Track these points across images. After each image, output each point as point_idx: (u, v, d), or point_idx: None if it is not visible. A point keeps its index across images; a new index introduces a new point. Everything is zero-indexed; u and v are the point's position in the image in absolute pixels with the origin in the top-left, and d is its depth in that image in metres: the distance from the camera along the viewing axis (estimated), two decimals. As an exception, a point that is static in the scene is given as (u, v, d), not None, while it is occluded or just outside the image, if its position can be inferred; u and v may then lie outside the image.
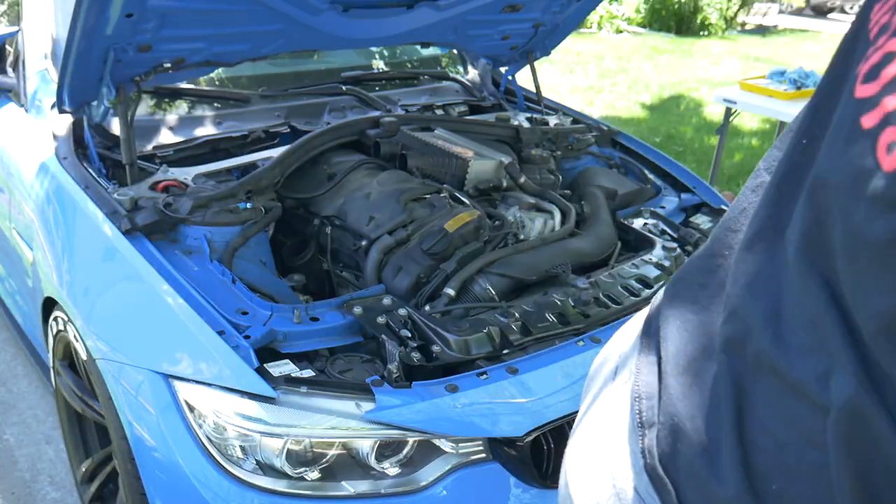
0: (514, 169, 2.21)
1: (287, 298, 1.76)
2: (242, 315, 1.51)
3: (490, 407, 1.43)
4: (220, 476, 1.36)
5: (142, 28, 1.81)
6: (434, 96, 2.84)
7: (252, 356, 1.39)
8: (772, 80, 3.62)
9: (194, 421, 1.39)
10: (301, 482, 1.37)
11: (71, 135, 2.08)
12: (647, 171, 2.52)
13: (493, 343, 1.56)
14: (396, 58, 3.18)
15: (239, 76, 2.61)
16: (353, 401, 1.37)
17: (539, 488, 1.48)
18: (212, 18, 1.94)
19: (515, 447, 1.45)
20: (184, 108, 2.37)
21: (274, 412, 1.34)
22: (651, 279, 1.86)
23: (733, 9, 12.19)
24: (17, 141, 2.25)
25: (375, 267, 1.79)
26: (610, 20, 11.13)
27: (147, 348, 1.52)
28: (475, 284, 1.74)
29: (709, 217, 2.28)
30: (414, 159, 2.16)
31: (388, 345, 1.49)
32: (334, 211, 1.95)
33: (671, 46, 10.24)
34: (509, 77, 3.00)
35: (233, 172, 2.11)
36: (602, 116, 6.61)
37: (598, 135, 2.65)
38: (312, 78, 2.77)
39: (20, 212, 2.13)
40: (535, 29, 2.72)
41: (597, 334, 1.63)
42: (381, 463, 1.40)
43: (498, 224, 1.95)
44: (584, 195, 2.26)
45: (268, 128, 2.35)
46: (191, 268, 1.65)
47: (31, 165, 2.08)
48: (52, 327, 1.93)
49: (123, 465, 1.60)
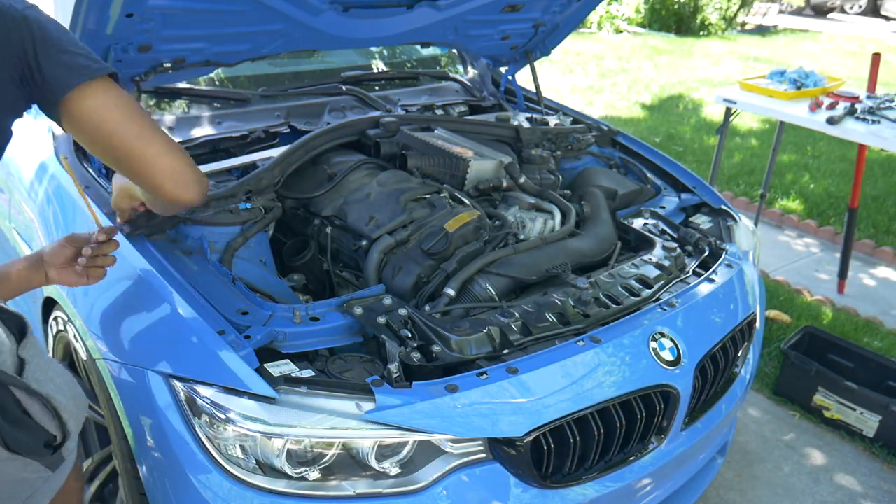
0: (514, 169, 2.21)
1: (287, 298, 1.76)
2: (242, 315, 1.51)
3: (490, 407, 1.43)
4: (220, 476, 1.36)
5: (142, 28, 1.81)
6: (434, 96, 2.84)
7: (252, 356, 1.39)
8: (772, 80, 3.61)
9: (194, 421, 1.39)
10: (301, 482, 1.37)
11: (71, 135, 2.08)
12: (647, 171, 2.52)
13: (493, 343, 1.56)
14: (396, 58, 3.18)
15: (239, 76, 2.61)
16: (353, 401, 1.37)
17: (539, 488, 1.48)
18: (212, 18, 1.94)
19: (515, 447, 1.45)
20: (184, 108, 2.37)
21: (274, 412, 1.34)
22: (651, 279, 1.86)
23: (733, 9, 12.19)
24: (17, 141, 2.25)
25: (375, 267, 1.79)
26: (610, 20, 11.14)
27: (147, 348, 1.52)
28: (475, 284, 1.74)
29: (709, 217, 2.29)
30: (414, 159, 2.16)
31: (388, 345, 1.49)
32: (334, 211, 1.95)
33: (671, 46, 10.24)
34: (509, 77, 3.00)
35: (233, 172, 2.11)
36: (602, 116, 6.61)
37: (598, 135, 2.65)
38: (312, 78, 2.77)
39: (20, 212, 2.13)
40: (535, 29, 2.72)
41: (597, 334, 1.63)
42: (381, 463, 1.40)
43: (498, 224, 1.95)
44: (584, 195, 2.26)
45: (268, 128, 2.35)
46: (191, 268, 1.65)
47: (31, 165, 2.08)
48: (52, 327, 1.93)
49: (123, 465, 1.60)
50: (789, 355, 2.81)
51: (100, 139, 1.21)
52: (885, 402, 2.59)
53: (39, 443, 1.32)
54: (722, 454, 2.18)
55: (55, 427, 1.35)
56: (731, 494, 2.40)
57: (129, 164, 1.24)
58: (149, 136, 1.22)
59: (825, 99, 3.31)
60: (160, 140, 1.23)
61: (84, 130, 1.21)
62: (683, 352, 1.69)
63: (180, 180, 1.24)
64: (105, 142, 1.21)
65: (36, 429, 1.31)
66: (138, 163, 1.22)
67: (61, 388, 1.39)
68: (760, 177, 4.94)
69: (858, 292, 3.82)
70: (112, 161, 1.26)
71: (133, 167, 1.24)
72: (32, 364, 1.33)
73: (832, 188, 5.07)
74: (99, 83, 1.18)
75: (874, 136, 3.03)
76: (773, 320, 3.33)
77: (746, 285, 2.02)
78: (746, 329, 1.99)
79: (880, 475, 2.54)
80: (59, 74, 1.16)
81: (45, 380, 1.35)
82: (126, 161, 1.23)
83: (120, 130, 1.19)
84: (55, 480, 1.42)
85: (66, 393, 1.40)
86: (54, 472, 1.39)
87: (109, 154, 1.24)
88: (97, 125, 1.19)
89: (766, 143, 5.88)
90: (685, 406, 1.70)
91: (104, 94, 1.18)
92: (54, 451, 1.36)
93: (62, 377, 1.42)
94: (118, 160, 1.24)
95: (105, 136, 1.20)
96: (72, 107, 1.17)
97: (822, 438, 2.70)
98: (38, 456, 1.32)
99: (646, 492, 1.74)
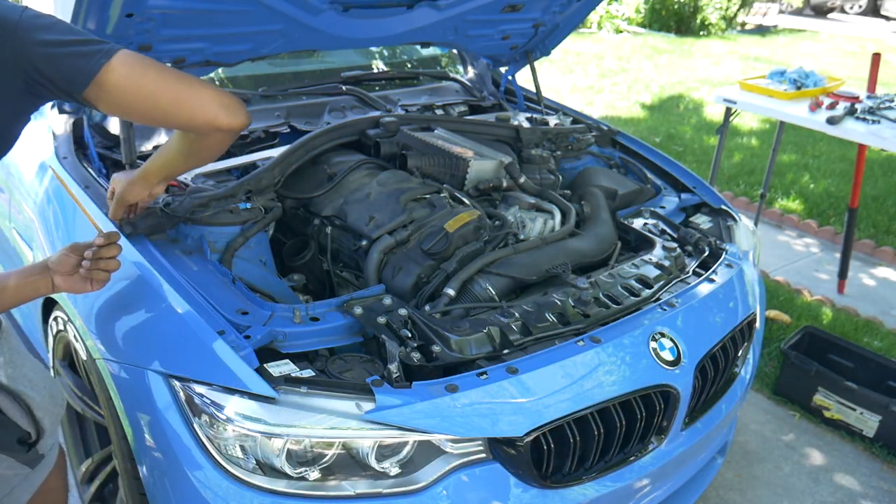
0: (514, 169, 2.21)
1: (287, 298, 1.76)
2: (242, 315, 1.51)
3: (490, 407, 1.43)
4: (220, 476, 1.36)
5: (142, 28, 1.81)
6: (434, 96, 2.84)
7: (252, 356, 1.39)
8: (772, 80, 3.61)
9: (194, 421, 1.39)
10: (301, 482, 1.37)
11: (71, 135, 2.09)
12: (647, 171, 2.52)
13: (493, 343, 1.56)
14: (396, 58, 3.18)
15: (239, 76, 2.61)
16: (353, 401, 1.37)
17: (539, 488, 1.48)
18: (212, 18, 1.94)
19: (515, 447, 1.45)
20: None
21: (274, 412, 1.34)
22: (651, 279, 1.86)
23: (733, 9, 12.19)
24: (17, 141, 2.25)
25: (375, 267, 1.79)
26: (610, 20, 11.13)
27: (147, 348, 1.52)
28: (475, 284, 1.74)
29: (708, 217, 2.29)
30: (414, 159, 2.15)
31: (388, 345, 1.49)
32: (334, 211, 1.95)
33: (671, 46, 10.24)
34: (509, 77, 3.00)
35: (233, 172, 2.11)
36: (602, 116, 6.61)
37: (598, 135, 2.65)
38: (312, 78, 2.77)
39: (20, 212, 2.13)
40: (535, 29, 2.72)
41: (597, 334, 1.63)
42: (381, 463, 1.40)
43: (498, 224, 1.95)
44: (584, 195, 2.26)
45: (268, 128, 2.35)
46: (191, 268, 1.65)
47: (30, 165, 2.08)
48: (52, 327, 1.93)
49: (123, 465, 1.60)
50: (789, 355, 2.81)
51: (144, 100, 1.23)
52: (885, 402, 2.59)
53: (12, 439, 1.32)
54: (722, 454, 2.18)
55: (28, 423, 1.35)
56: (731, 494, 2.40)
57: (179, 109, 1.25)
58: (187, 78, 1.25)
59: (825, 99, 3.31)
60: (196, 80, 1.27)
61: (125, 102, 1.23)
62: (683, 352, 1.69)
63: (231, 106, 1.27)
64: (150, 101, 1.23)
65: (7, 424, 1.31)
66: (190, 103, 1.24)
67: (36, 385, 1.39)
68: (760, 177, 4.95)
69: (858, 292, 3.82)
70: (161, 116, 1.28)
71: (184, 109, 1.25)
72: (4, 360, 1.33)
73: (832, 188, 5.07)
74: (119, 59, 1.19)
75: (874, 136, 3.03)
76: (773, 320, 3.33)
77: (746, 285, 2.02)
78: (746, 329, 1.99)
79: (880, 475, 2.54)
80: (68, 75, 1.16)
81: (18, 376, 1.35)
82: (175, 108, 1.25)
83: (161, 83, 1.22)
84: (34, 478, 1.43)
85: (42, 391, 1.40)
86: (33, 470, 1.40)
87: (157, 111, 1.25)
88: (136, 91, 1.21)
89: (766, 143, 5.88)
90: (685, 406, 1.70)
91: (123, 65, 1.19)
92: (29, 448, 1.36)
93: (38, 374, 1.42)
94: (166, 113, 1.25)
95: (148, 95, 1.22)
96: (99, 93, 1.19)
97: (822, 438, 2.70)
98: (11, 452, 1.32)
99: (646, 492, 1.74)
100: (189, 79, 1.26)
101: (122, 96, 1.21)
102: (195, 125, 1.28)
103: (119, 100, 1.21)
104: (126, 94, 1.21)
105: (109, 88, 1.19)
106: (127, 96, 1.21)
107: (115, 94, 1.20)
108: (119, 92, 1.20)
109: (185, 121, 1.28)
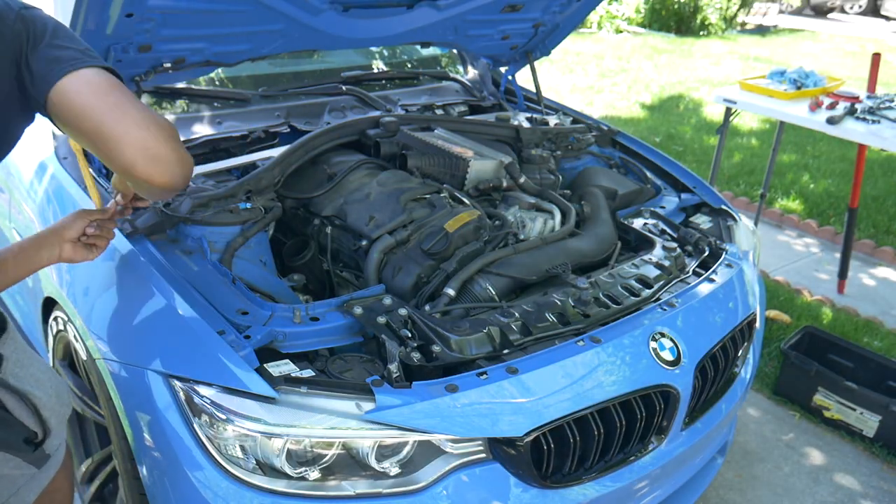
0: (514, 169, 2.21)
1: (287, 298, 1.76)
2: (242, 315, 1.51)
3: (490, 407, 1.43)
4: (220, 476, 1.36)
5: (142, 28, 1.81)
6: (434, 96, 2.84)
7: (252, 356, 1.39)
8: (772, 80, 3.61)
9: (194, 421, 1.39)
10: (301, 482, 1.37)
11: (71, 135, 2.08)
12: (647, 171, 2.52)
13: (493, 343, 1.56)
14: (396, 58, 3.18)
15: (239, 76, 2.61)
16: (353, 401, 1.37)
17: (539, 488, 1.48)
18: (212, 18, 1.94)
19: (515, 447, 1.45)
20: (184, 107, 2.37)
21: (274, 412, 1.34)
22: (651, 279, 1.86)
23: (733, 9, 12.19)
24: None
25: (375, 267, 1.79)
26: (610, 20, 11.13)
27: (147, 348, 1.52)
28: (475, 284, 1.74)
29: (709, 217, 2.29)
30: (414, 159, 2.15)
31: (388, 345, 1.49)
32: (334, 211, 1.95)
33: (671, 46, 10.24)
34: (509, 77, 3.00)
35: (233, 172, 2.11)
36: (602, 116, 6.61)
37: (598, 135, 2.65)
38: (312, 78, 2.77)
39: (20, 212, 2.12)
40: (535, 29, 2.72)
41: (597, 334, 1.63)
42: (381, 463, 1.40)
43: (498, 224, 1.95)
44: (584, 195, 2.26)
45: (268, 128, 2.35)
46: (191, 268, 1.65)
47: (30, 165, 2.08)
48: (52, 327, 1.93)
49: (123, 465, 1.60)
50: (789, 355, 2.81)
51: (73, 121, 1.11)
52: (885, 402, 2.59)
53: (18, 438, 1.31)
54: (722, 454, 2.18)
55: (34, 423, 1.34)
56: (731, 494, 2.40)
57: (100, 143, 1.10)
58: (122, 111, 1.09)
59: (825, 99, 3.31)
60: (136, 115, 1.09)
61: (66, 119, 1.11)
62: (683, 352, 1.69)
63: (153, 158, 1.08)
64: (76, 124, 1.10)
65: (13, 424, 1.31)
66: (107, 139, 1.08)
67: (43, 384, 1.39)
68: (760, 177, 4.94)
69: (858, 292, 3.82)
70: (89, 144, 1.14)
71: (103, 145, 1.10)
72: (11, 360, 1.33)
73: (832, 188, 5.07)
74: (84, 73, 1.09)
75: (874, 136, 3.03)
76: (773, 320, 3.33)
77: (746, 285, 2.02)
78: (746, 329, 1.99)
79: (880, 475, 2.54)
80: (43, 70, 1.09)
81: (25, 376, 1.35)
82: (98, 139, 1.09)
83: (91, 106, 1.09)
84: (41, 478, 1.42)
85: (49, 390, 1.40)
86: (39, 470, 1.39)
87: (85, 137, 1.12)
88: (71, 108, 1.10)
89: (766, 143, 5.88)
90: (685, 406, 1.70)
91: (85, 80, 1.09)
92: (36, 447, 1.35)
93: (45, 374, 1.42)
94: (92, 142, 1.11)
95: (76, 117, 1.10)
96: (54, 99, 1.09)
97: (822, 438, 2.70)
98: (18, 451, 1.32)
99: (646, 492, 1.74)
100: (125, 113, 1.09)
101: (65, 111, 1.10)
102: (113, 164, 1.13)
103: (62, 114, 1.11)
104: (69, 111, 1.09)
105: (58, 100, 1.09)
106: (68, 113, 1.10)
107: (61, 108, 1.10)
108: (64, 106, 1.09)
109: (103, 156, 1.12)
